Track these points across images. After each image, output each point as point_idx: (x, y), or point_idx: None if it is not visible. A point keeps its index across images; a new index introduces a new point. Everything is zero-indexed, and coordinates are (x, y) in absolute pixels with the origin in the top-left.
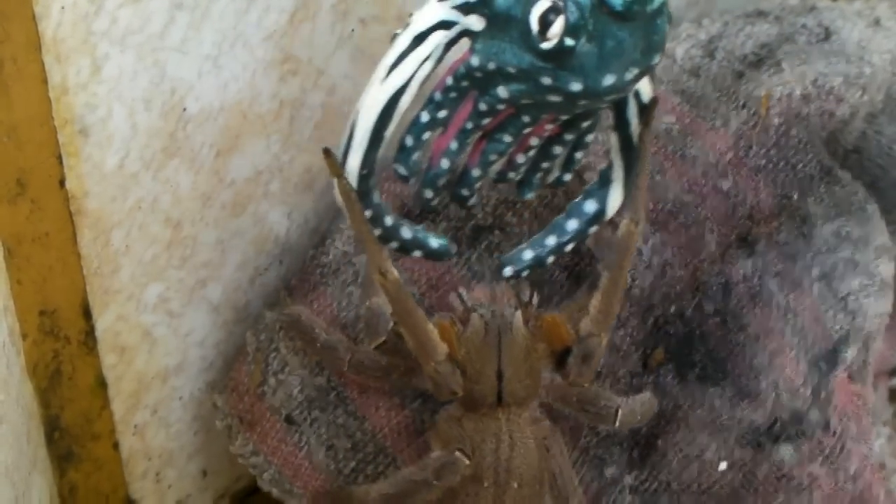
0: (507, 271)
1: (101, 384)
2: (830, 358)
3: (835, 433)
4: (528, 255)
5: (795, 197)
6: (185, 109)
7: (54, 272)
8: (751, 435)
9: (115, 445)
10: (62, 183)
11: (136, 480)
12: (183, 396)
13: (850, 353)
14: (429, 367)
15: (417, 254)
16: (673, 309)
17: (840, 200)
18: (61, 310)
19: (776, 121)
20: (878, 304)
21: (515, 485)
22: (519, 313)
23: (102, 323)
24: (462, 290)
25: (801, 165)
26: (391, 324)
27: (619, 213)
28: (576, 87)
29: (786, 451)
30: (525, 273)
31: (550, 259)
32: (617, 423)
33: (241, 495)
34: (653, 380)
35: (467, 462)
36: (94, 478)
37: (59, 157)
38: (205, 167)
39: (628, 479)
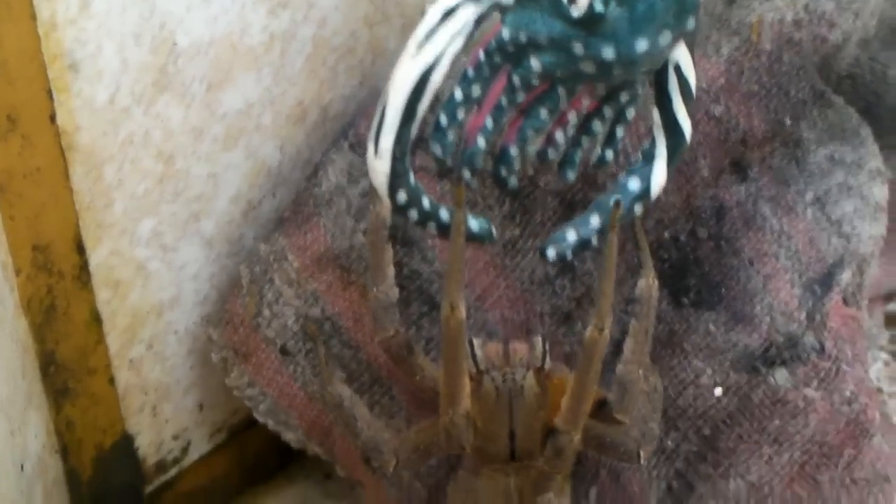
0: (550, 254)
1: (96, 319)
2: (825, 281)
3: (830, 356)
4: (572, 236)
5: (788, 122)
6: (175, 44)
7: (46, 207)
8: (746, 359)
9: (111, 380)
10: (53, 118)
11: (133, 415)
12: (178, 330)
13: (845, 277)
14: (446, 416)
15: None
16: (666, 234)
17: (833, 125)
18: (54, 245)
19: (768, 46)
20: (872, 228)
21: None
22: (531, 375)
23: (96, 258)
24: (475, 344)
25: (793, 91)
26: (398, 316)
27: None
28: (608, 53)
29: (781, 375)
30: (570, 256)
31: (595, 241)
32: (643, 461)
33: (238, 429)
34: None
35: None
36: (90, 412)
37: (50, 93)
38: (196, 101)
39: None
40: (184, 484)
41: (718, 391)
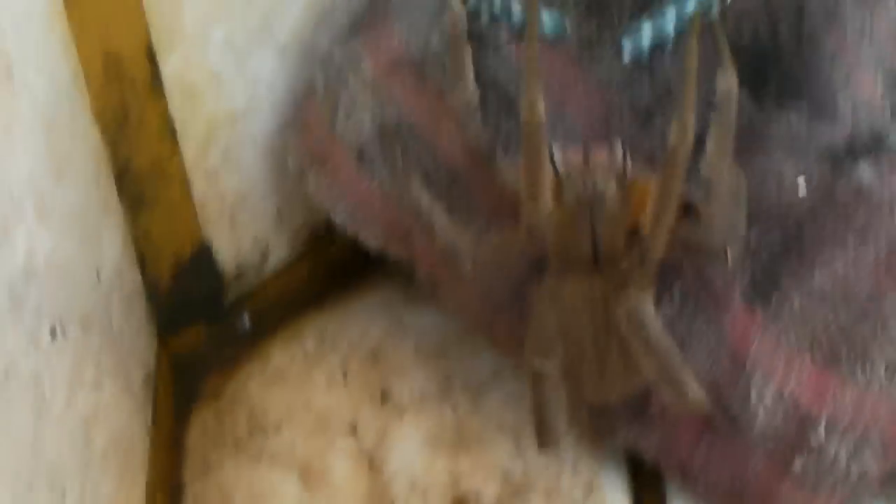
0: (626, 46)
1: (170, 128)
2: None
3: None
4: (647, 30)
5: None
6: None
7: (116, 16)
8: (829, 154)
9: (188, 189)
10: None
11: (211, 224)
12: (254, 137)
13: None
14: (528, 214)
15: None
16: (747, 31)
17: None
18: (126, 54)
19: None
20: None
21: (616, 342)
22: (613, 185)
23: (168, 66)
24: (556, 150)
25: None
26: (479, 117)
27: None
28: None
29: (864, 169)
30: (645, 53)
31: (672, 29)
32: (729, 259)
33: (316, 235)
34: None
35: (552, 361)
36: (167, 222)
37: None
38: None
39: None
40: (263, 293)
41: (802, 186)
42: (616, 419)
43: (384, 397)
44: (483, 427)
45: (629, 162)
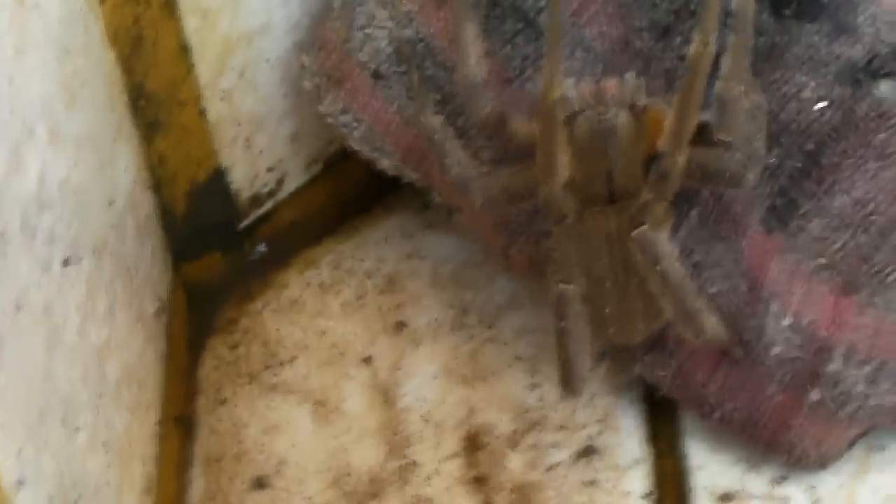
0: None
1: (185, 48)
2: None
3: None
4: None
5: None
6: None
7: None
8: (849, 71)
9: (203, 112)
10: None
11: (226, 147)
12: (269, 58)
13: None
14: (545, 187)
15: None
16: None
17: None
18: None
19: None
20: None
21: (636, 280)
22: (624, 114)
23: None
24: (569, 85)
25: None
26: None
27: None
28: None
29: (886, 87)
30: None
31: None
32: (750, 183)
33: (333, 159)
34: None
35: (575, 289)
36: (182, 145)
37: None
38: None
39: None
40: (280, 217)
41: (822, 104)
42: (633, 350)
43: (399, 327)
44: (498, 357)
45: (642, 89)
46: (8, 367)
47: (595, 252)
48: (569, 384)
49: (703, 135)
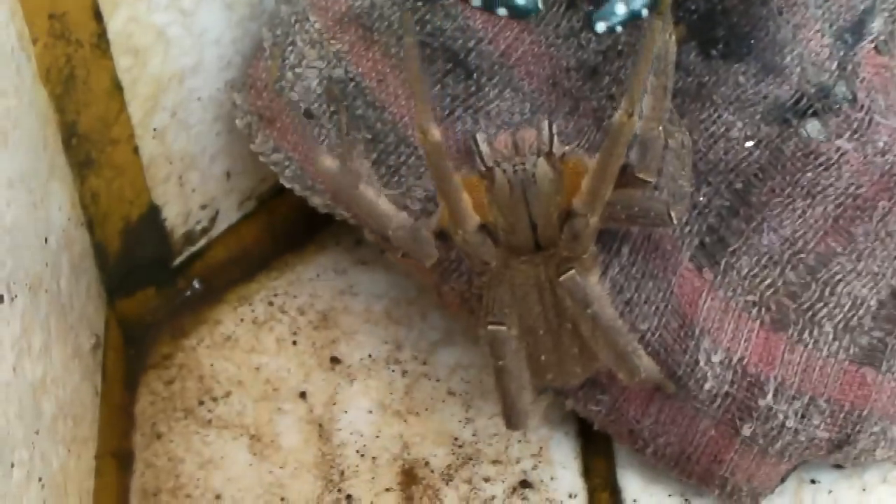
0: (600, 27)
1: (117, 87)
2: (856, 29)
3: (862, 107)
4: (621, 8)
5: None
6: None
7: None
8: (777, 111)
9: (136, 150)
10: None
11: (159, 185)
12: (201, 97)
13: (877, 24)
14: (458, 236)
15: (502, 12)
16: None
17: None
18: (71, 12)
19: None
20: None
21: (569, 325)
22: (542, 161)
23: (114, 24)
24: (480, 140)
25: None
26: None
27: None
28: None
29: (813, 127)
30: (619, 28)
31: (646, 11)
32: (675, 221)
33: (266, 196)
34: (675, 58)
35: (508, 330)
36: (115, 184)
37: None
38: None
39: None
40: (213, 254)
41: (750, 144)
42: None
43: (333, 362)
44: (433, 393)
45: (556, 140)
46: None
47: (526, 300)
48: (511, 419)
49: (625, 175)
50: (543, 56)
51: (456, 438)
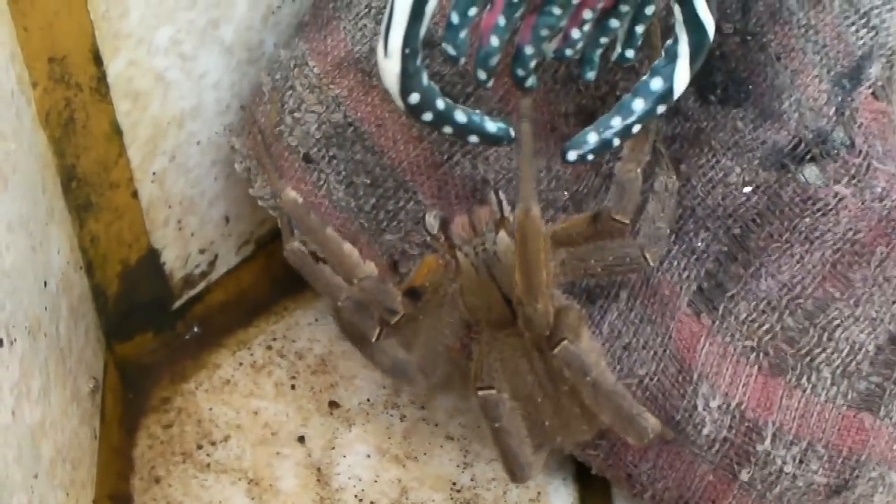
0: (571, 156)
1: (117, 131)
2: (853, 75)
3: (860, 152)
4: (592, 138)
5: None
6: None
7: (60, 17)
8: (775, 156)
9: (135, 194)
10: None
11: (158, 229)
12: (200, 141)
13: (874, 70)
14: (353, 287)
15: (474, 139)
16: None
17: None
18: (71, 56)
19: None
20: None
21: (565, 388)
22: (501, 235)
23: (114, 68)
24: (431, 217)
25: None
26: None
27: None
28: None
29: (811, 172)
30: (590, 157)
31: (617, 142)
32: (651, 263)
33: (265, 240)
34: (674, 103)
35: (501, 394)
36: (114, 227)
37: None
38: None
39: None
40: (212, 298)
41: (748, 189)
42: None
43: (332, 407)
44: (431, 437)
45: (506, 208)
46: None
47: (518, 371)
48: (516, 474)
49: (600, 219)
50: (542, 101)
51: (454, 483)
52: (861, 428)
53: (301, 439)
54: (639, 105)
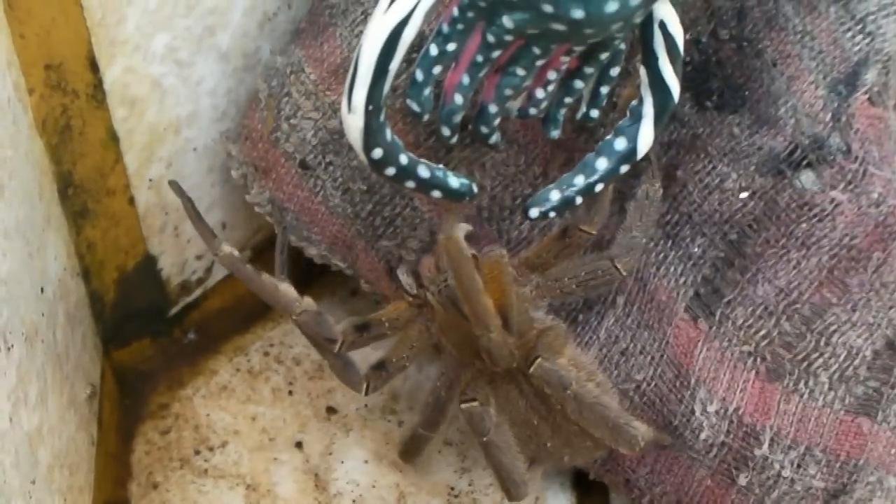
0: (533, 213)
1: (113, 138)
2: (849, 81)
3: (856, 158)
4: (555, 195)
5: None
6: None
7: (57, 24)
8: (771, 162)
9: (131, 200)
10: None
11: (155, 235)
12: (197, 147)
13: (870, 76)
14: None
15: (436, 194)
16: (688, 36)
17: None
18: (67, 63)
19: None
20: None
21: (559, 409)
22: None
23: (110, 75)
24: (402, 273)
25: None
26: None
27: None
28: (577, 13)
29: (807, 178)
30: (552, 214)
31: (579, 200)
32: (624, 272)
33: (261, 247)
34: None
35: (485, 406)
36: (111, 234)
37: None
38: None
39: None
40: (208, 304)
41: (744, 195)
42: None
43: (330, 412)
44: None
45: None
46: None
47: (509, 398)
48: (511, 492)
49: (567, 233)
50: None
51: (452, 488)
52: (859, 433)
53: (299, 445)
54: (602, 164)
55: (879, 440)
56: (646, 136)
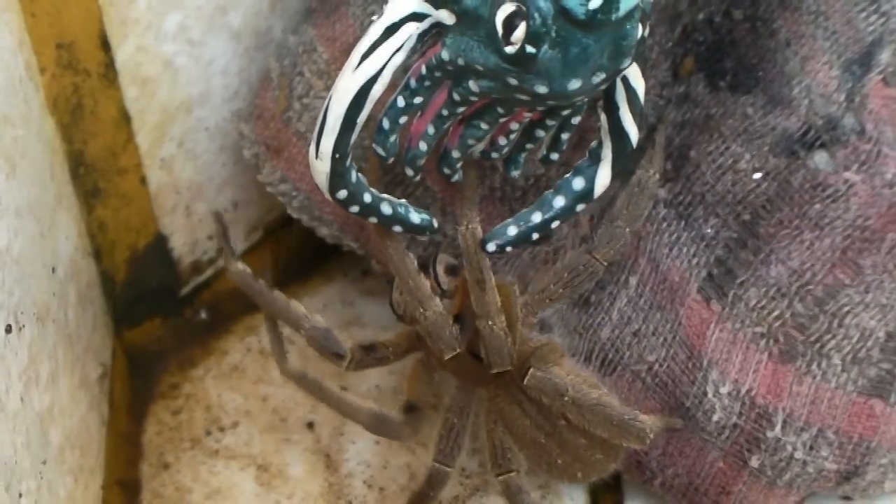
0: (490, 247)
1: (125, 117)
2: (864, 61)
3: (870, 139)
4: (512, 230)
5: None
6: None
7: (68, 3)
8: (785, 143)
9: (143, 180)
10: None
11: (166, 215)
12: (209, 127)
13: (885, 56)
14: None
15: (398, 229)
16: (701, 16)
17: None
18: (79, 42)
19: None
20: None
21: (563, 421)
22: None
23: (122, 54)
24: (441, 265)
25: None
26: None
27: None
28: (541, 89)
29: (821, 159)
30: (509, 249)
31: (536, 235)
32: (604, 263)
33: (273, 227)
34: (684, 90)
35: (449, 470)
36: (122, 213)
37: None
38: None
39: (662, 193)
40: (220, 284)
41: (757, 175)
42: None
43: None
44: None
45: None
46: None
47: (512, 419)
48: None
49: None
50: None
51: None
52: (871, 414)
53: (310, 425)
54: (559, 202)
55: (892, 422)
56: (602, 178)
